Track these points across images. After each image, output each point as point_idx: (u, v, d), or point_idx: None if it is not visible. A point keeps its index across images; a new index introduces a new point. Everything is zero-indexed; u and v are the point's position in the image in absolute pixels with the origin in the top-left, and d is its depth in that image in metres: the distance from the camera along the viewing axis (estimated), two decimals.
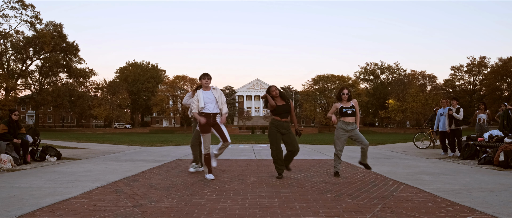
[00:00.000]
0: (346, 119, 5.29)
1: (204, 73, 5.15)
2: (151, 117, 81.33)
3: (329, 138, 25.26)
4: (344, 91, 5.36)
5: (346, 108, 5.31)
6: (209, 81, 5.13)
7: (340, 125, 5.32)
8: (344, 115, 5.31)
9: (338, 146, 5.33)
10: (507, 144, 6.58)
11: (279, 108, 5.19)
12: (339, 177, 5.20)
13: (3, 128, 6.99)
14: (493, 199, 3.58)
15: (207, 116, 5.05)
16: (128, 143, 16.58)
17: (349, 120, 5.27)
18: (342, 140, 5.32)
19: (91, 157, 8.71)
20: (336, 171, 5.33)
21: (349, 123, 5.26)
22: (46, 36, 49.28)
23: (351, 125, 5.26)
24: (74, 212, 3.10)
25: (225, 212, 3.10)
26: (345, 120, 5.29)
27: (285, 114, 5.21)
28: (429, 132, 12.00)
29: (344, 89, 5.37)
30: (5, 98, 47.11)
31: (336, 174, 5.30)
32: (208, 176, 4.99)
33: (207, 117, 5.05)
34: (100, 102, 61.70)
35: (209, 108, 5.06)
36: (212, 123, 5.11)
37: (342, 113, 5.32)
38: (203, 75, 5.14)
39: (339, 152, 5.33)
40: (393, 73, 69.79)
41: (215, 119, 5.12)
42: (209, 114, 5.06)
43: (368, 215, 2.99)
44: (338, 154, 5.33)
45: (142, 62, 75.34)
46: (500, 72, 58.29)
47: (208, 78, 5.14)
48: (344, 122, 5.29)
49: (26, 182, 4.76)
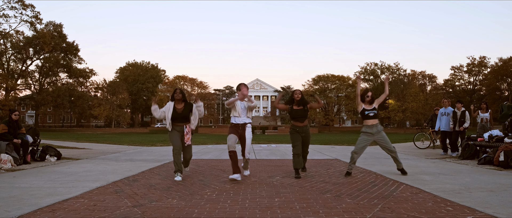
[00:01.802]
0: (368, 122, 5.29)
1: (241, 83, 5.22)
2: (151, 117, 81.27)
3: (329, 138, 25.26)
4: (368, 93, 5.36)
5: (368, 110, 5.29)
6: (246, 92, 5.18)
7: (364, 129, 5.31)
8: (366, 118, 5.29)
9: (356, 148, 5.32)
10: (507, 144, 6.57)
11: (296, 112, 5.49)
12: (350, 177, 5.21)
13: (3, 128, 6.99)
14: (493, 199, 3.58)
15: (236, 126, 5.14)
16: (128, 143, 16.59)
17: (372, 122, 5.27)
18: (364, 144, 5.30)
19: (91, 157, 8.71)
20: (348, 171, 5.32)
21: (373, 126, 5.26)
22: (46, 36, 49.27)
23: (376, 127, 5.26)
24: (74, 212, 3.10)
25: (225, 212, 3.10)
26: (368, 123, 5.28)
27: (301, 118, 5.49)
28: (429, 132, 12.00)
29: (369, 91, 5.37)
30: (5, 98, 47.09)
31: (348, 174, 5.28)
32: (233, 176, 4.81)
33: (236, 127, 5.14)
34: (100, 102, 61.70)
35: (241, 118, 5.14)
36: (240, 133, 5.15)
37: (364, 115, 5.30)
38: (241, 85, 5.20)
39: (355, 155, 5.31)
40: (393, 73, 69.74)
41: (244, 130, 5.16)
42: (238, 124, 5.14)
43: (368, 215, 2.99)
44: (353, 156, 5.31)
45: (142, 62, 75.29)
46: (500, 72, 58.29)
47: (246, 88, 5.19)
48: (367, 125, 5.28)
49: (26, 182, 4.76)
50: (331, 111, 66.10)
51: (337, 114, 69.89)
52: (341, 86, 65.61)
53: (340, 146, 13.73)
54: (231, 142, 5.02)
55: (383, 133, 5.32)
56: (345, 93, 65.54)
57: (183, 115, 5.19)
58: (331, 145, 14.90)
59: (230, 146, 5.00)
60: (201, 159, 8.22)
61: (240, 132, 5.15)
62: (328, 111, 65.42)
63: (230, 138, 5.07)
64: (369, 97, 5.34)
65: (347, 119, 78.90)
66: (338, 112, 69.93)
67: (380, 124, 5.36)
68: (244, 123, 5.18)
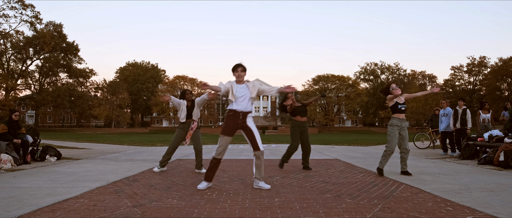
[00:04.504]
0: (400, 115, 5.28)
1: (237, 64, 4.26)
2: (151, 117, 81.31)
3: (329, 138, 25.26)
4: (392, 85, 5.31)
5: (400, 104, 5.32)
6: (243, 73, 4.24)
7: (395, 122, 5.27)
8: (398, 112, 5.28)
9: (392, 145, 5.22)
10: (507, 144, 6.57)
11: (299, 108, 6.06)
12: (382, 175, 5.19)
13: (3, 128, 6.99)
14: (493, 199, 3.58)
15: (235, 115, 4.18)
16: (128, 143, 16.59)
17: (403, 116, 5.31)
18: (397, 137, 5.24)
19: (91, 157, 8.71)
20: (381, 168, 5.26)
21: (403, 119, 5.31)
22: (46, 36, 49.31)
23: (405, 121, 5.31)
24: (74, 212, 3.09)
25: (225, 212, 3.10)
26: (400, 117, 5.28)
27: (303, 113, 6.06)
28: (429, 132, 12.00)
29: (393, 83, 5.34)
30: (5, 98, 47.11)
31: (381, 171, 5.23)
32: (200, 186, 4.19)
33: (235, 117, 4.18)
34: (100, 102, 61.73)
35: (241, 104, 4.19)
36: (241, 124, 4.19)
37: (397, 109, 5.28)
38: (236, 65, 4.24)
39: (393, 150, 5.23)
40: (393, 73, 69.79)
41: (245, 120, 4.20)
42: (238, 112, 4.18)
43: (368, 215, 2.99)
44: (391, 152, 5.23)
45: (142, 62, 75.37)
46: (500, 72, 58.32)
47: (241, 69, 4.23)
48: (399, 119, 5.28)
49: (26, 182, 4.76)
50: (331, 111, 66.08)
51: (337, 114, 69.88)
52: (341, 86, 65.60)
53: (340, 146, 13.73)
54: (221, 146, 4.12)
55: (406, 130, 5.35)
56: (345, 93, 65.53)
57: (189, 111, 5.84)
58: (331, 145, 14.90)
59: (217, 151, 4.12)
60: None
61: (241, 123, 4.19)
62: (328, 111, 65.41)
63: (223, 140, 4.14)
64: (395, 88, 5.26)
65: (347, 119, 78.87)
66: (338, 112, 69.92)
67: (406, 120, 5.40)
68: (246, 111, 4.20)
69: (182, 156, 8.98)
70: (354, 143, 16.42)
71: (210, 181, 4.26)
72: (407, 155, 5.39)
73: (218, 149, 4.15)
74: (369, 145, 14.72)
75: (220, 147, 4.15)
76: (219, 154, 4.16)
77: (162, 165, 5.91)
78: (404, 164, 5.41)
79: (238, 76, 4.24)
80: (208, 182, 4.24)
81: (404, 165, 5.41)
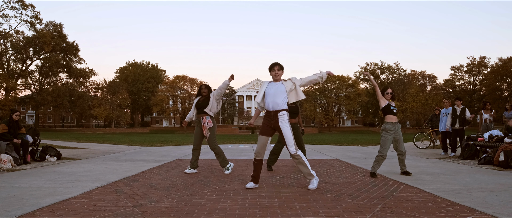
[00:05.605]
0: (392, 118, 5.29)
1: (273, 62, 4.30)
2: (151, 117, 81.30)
3: (329, 138, 25.25)
4: (388, 90, 5.37)
5: (393, 106, 5.35)
6: (279, 72, 4.26)
7: (389, 127, 5.26)
8: (390, 113, 5.30)
9: (385, 150, 5.23)
10: (507, 144, 6.57)
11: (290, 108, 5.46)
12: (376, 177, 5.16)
13: (4, 128, 6.99)
14: (493, 199, 3.58)
15: (268, 114, 4.20)
16: (128, 143, 16.59)
17: (395, 119, 5.31)
18: (390, 142, 5.25)
19: (91, 157, 8.71)
20: (373, 172, 5.28)
21: (396, 123, 5.30)
22: (46, 36, 49.31)
23: (397, 125, 5.31)
24: (74, 212, 3.09)
25: (225, 212, 3.10)
26: (392, 120, 5.29)
27: (293, 114, 5.87)
28: (429, 132, 12.00)
29: (388, 88, 5.39)
30: (5, 98, 47.12)
31: (374, 175, 5.24)
32: (248, 185, 4.28)
33: (268, 116, 4.19)
34: (100, 102, 61.70)
35: (275, 103, 4.16)
36: (274, 124, 4.18)
37: (389, 111, 5.30)
38: (273, 65, 4.29)
39: (385, 155, 5.25)
40: (393, 73, 69.78)
41: (277, 119, 4.14)
42: (270, 112, 4.18)
43: (368, 215, 2.99)
44: (383, 157, 5.25)
45: (142, 62, 75.38)
46: (500, 72, 58.32)
47: (278, 68, 4.26)
48: (391, 122, 5.28)
49: (26, 182, 4.76)
50: (331, 111, 66.05)
51: (337, 114, 69.86)
52: (341, 86, 65.56)
53: (340, 146, 13.73)
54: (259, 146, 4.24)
55: (400, 132, 5.35)
56: (345, 93, 65.51)
57: (201, 106, 5.57)
58: (331, 145, 14.89)
59: (255, 152, 4.29)
60: (201, 159, 8.21)
61: (273, 124, 4.19)
62: (328, 111, 65.38)
63: (259, 140, 4.27)
64: (389, 94, 5.35)
65: (347, 119, 78.87)
66: (338, 112, 69.90)
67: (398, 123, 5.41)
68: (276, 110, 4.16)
69: (182, 156, 8.98)
70: (354, 143, 16.41)
71: (256, 182, 4.32)
72: (404, 156, 5.41)
73: (256, 150, 4.30)
74: (369, 145, 14.72)
75: (257, 147, 4.28)
76: (257, 155, 4.28)
77: (192, 166, 5.77)
78: (403, 165, 5.43)
79: (274, 75, 4.30)
80: (254, 184, 4.30)
81: (403, 166, 5.44)
